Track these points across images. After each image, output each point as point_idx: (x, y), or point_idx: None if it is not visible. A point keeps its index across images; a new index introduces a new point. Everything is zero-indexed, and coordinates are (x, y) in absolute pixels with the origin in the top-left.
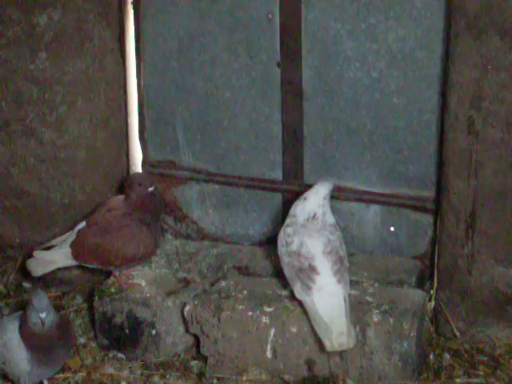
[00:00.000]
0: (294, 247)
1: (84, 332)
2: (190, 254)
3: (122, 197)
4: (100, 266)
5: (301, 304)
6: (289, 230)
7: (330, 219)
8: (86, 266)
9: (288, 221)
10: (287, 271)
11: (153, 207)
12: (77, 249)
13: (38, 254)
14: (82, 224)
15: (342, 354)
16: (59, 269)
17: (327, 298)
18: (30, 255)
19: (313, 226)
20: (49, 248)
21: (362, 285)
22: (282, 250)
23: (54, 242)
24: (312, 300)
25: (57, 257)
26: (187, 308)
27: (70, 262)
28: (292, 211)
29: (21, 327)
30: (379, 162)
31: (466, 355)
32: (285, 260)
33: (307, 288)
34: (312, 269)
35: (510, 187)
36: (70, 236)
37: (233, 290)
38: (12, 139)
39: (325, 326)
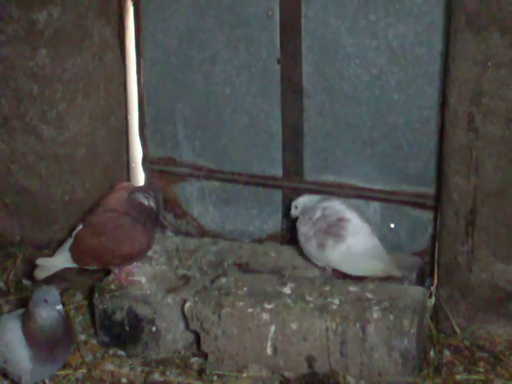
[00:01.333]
0: (318, 215)
1: (84, 329)
2: (190, 250)
3: (117, 195)
4: (99, 266)
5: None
6: (307, 214)
7: None
8: (87, 268)
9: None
10: (315, 241)
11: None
12: (76, 252)
13: (41, 262)
14: (79, 227)
15: (342, 350)
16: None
17: (363, 240)
18: (31, 257)
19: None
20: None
21: (362, 281)
22: (304, 229)
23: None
24: (348, 245)
25: (58, 262)
26: (187, 305)
27: (71, 265)
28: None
29: (24, 325)
30: (379, 158)
31: (466, 352)
32: (311, 234)
33: (340, 237)
34: (342, 219)
35: (510, 183)
36: (69, 240)
37: (233, 287)
38: (12, 136)
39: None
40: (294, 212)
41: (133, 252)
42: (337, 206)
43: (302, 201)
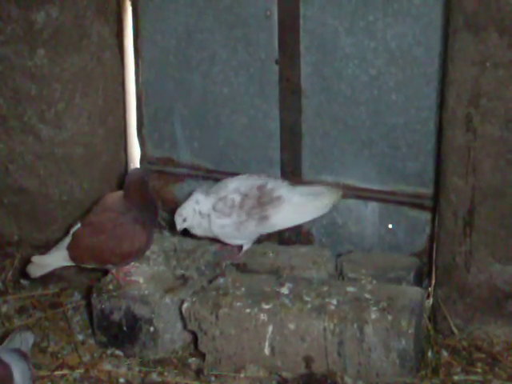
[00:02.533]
0: (237, 200)
1: (82, 329)
2: (188, 251)
3: (117, 194)
4: (97, 265)
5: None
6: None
7: None
8: (84, 266)
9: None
10: (252, 221)
11: (148, 206)
12: (73, 250)
13: (37, 259)
14: (77, 225)
15: (339, 351)
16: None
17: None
18: (29, 256)
19: None
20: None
21: (360, 282)
22: (228, 220)
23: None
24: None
25: (54, 260)
26: (185, 305)
27: (68, 263)
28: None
29: None
30: (377, 159)
31: (464, 352)
32: (244, 218)
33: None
34: (261, 186)
35: (509, 184)
36: (66, 238)
37: (231, 287)
38: (10, 136)
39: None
40: (182, 225)
41: (131, 251)
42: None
43: (186, 211)
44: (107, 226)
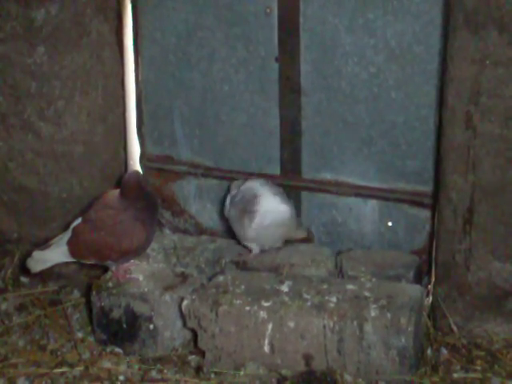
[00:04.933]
0: (239, 197)
1: (81, 327)
2: (188, 248)
3: (117, 191)
4: (97, 261)
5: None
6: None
7: None
8: (84, 262)
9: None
10: (236, 218)
11: (147, 205)
12: (73, 246)
13: (37, 255)
14: (78, 221)
15: (339, 348)
16: (57, 263)
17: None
18: (29, 254)
19: None
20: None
21: (359, 280)
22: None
23: (52, 241)
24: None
25: (55, 255)
26: (185, 303)
27: (68, 259)
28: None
29: None
30: (377, 156)
31: (463, 350)
32: (233, 214)
33: (252, 213)
34: (255, 196)
35: (508, 182)
36: (66, 234)
37: (230, 285)
38: (9, 134)
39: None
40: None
41: (131, 248)
42: (252, 184)
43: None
44: (107, 222)
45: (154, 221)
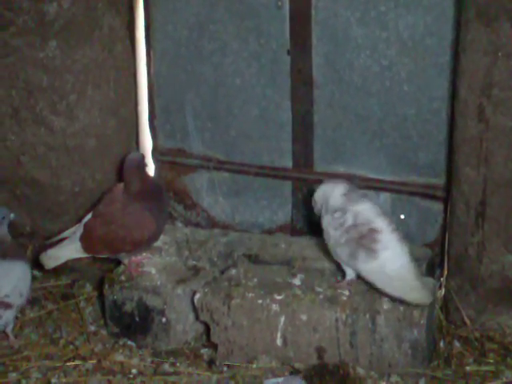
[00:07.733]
0: (349, 221)
1: (94, 320)
2: (200, 241)
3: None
4: (111, 254)
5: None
6: (336, 214)
7: None
8: (98, 256)
9: (323, 211)
10: (347, 249)
11: (153, 194)
12: (86, 242)
13: (52, 253)
14: (89, 216)
15: (351, 341)
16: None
17: (394, 257)
18: (41, 248)
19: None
20: (61, 240)
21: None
22: (335, 234)
23: (65, 234)
24: (380, 262)
25: (68, 252)
26: (197, 296)
27: (82, 255)
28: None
29: None
30: (389, 149)
31: (476, 343)
32: (342, 241)
33: (372, 251)
34: (373, 230)
35: None
36: (78, 230)
37: (243, 278)
38: (22, 127)
39: (399, 283)
40: (317, 208)
41: (142, 239)
42: (368, 213)
43: (319, 195)
44: (117, 215)
45: (164, 211)
